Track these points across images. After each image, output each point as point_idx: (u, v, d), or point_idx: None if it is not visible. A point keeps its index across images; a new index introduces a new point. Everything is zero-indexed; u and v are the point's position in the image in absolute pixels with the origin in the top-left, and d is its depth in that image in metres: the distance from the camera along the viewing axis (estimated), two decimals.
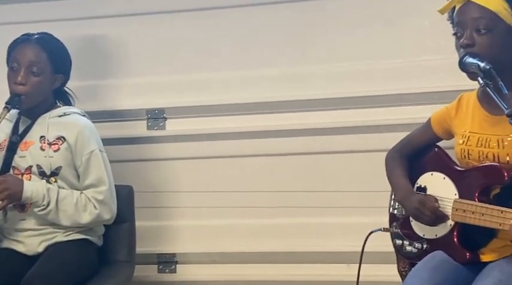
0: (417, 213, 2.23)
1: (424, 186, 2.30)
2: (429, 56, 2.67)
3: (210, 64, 2.97)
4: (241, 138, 2.95)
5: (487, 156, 2.14)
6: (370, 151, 2.75)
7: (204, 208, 3.00)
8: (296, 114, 2.87)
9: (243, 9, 2.92)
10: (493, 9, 2.08)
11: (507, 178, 2.06)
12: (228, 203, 2.96)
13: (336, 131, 2.83)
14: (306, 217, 2.89)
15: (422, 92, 2.69)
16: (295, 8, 2.87)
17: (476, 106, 2.21)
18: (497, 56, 2.06)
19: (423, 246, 2.26)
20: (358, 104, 2.79)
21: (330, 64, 2.83)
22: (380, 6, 2.76)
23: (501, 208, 2.02)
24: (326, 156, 2.86)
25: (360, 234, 2.37)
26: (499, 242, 2.13)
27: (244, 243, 2.97)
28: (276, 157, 2.92)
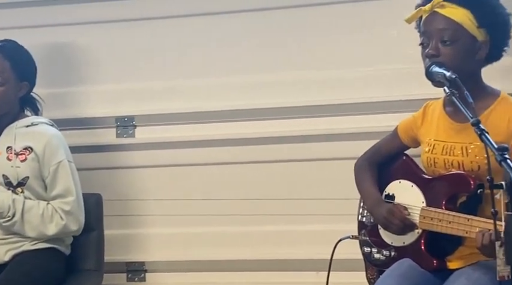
0: (386, 222, 2.24)
1: (392, 194, 2.31)
2: (397, 65, 2.69)
3: (180, 71, 2.97)
4: (211, 146, 2.94)
5: (452, 164, 2.16)
6: (339, 159, 2.76)
7: (174, 216, 2.98)
8: (266, 122, 2.88)
9: (213, 17, 2.92)
10: (458, 21, 2.11)
11: (473, 186, 2.08)
12: (198, 211, 2.96)
13: (305, 139, 2.84)
14: (275, 225, 2.90)
15: (390, 100, 2.71)
16: (266, 16, 2.88)
17: (442, 115, 2.24)
18: (461, 66, 2.08)
19: (391, 254, 2.28)
20: (327, 112, 2.81)
21: (301, 72, 2.84)
22: (349, 16, 2.78)
23: (467, 216, 2.04)
24: (295, 163, 2.87)
25: (329, 242, 2.39)
26: (465, 250, 2.15)
27: (214, 251, 2.97)
28: (246, 165, 2.91)
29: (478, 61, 2.16)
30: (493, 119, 2.09)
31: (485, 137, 1.75)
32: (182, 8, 2.94)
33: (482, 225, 1.98)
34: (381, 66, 2.74)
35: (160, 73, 2.99)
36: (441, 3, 2.13)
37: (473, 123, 1.79)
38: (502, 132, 2.06)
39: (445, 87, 2.00)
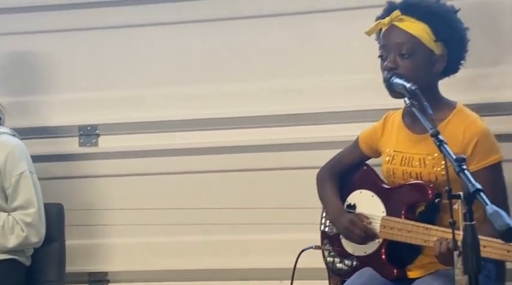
0: (348, 232, 2.26)
1: (354, 204, 2.33)
2: (358, 75, 2.71)
3: (144, 80, 2.96)
4: (175, 155, 2.93)
5: (410, 175, 2.20)
6: (301, 168, 2.77)
7: (137, 226, 2.96)
8: (229, 131, 2.88)
9: (176, 26, 2.92)
10: (416, 34, 2.15)
11: (431, 195, 2.11)
12: (161, 220, 2.94)
13: (267, 149, 2.85)
14: (239, 234, 2.90)
15: (352, 110, 2.73)
16: (228, 26, 2.88)
17: (401, 126, 2.27)
18: (419, 78, 2.11)
19: (353, 263, 2.30)
20: (289, 121, 2.81)
21: (263, 82, 2.85)
22: (312, 26, 2.79)
23: (426, 225, 2.07)
24: (258, 172, 2.87)
25: (293, 251, 2.39)
26: (425, 259, 2.18)
27: (177, 261, 2.95)
28: (210, 174, 2.91)
29: (435, 74, 2.20)
30: (450, 130, 2.12)
31: (444, 148, 1.77)
32: (144, 17, 2.94)
33: (441, 234, 2.02)
34: (343, 76, 2.75)
35: (124, 81, 2.97)
36: (399, 17, 2.16)
37: (432, 134, 1.81)
38: (458, 143, 2.10)
39: (405, 98, 2.03)
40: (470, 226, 1.61)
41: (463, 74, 2.29)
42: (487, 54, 2.56)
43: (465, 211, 1.63)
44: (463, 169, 1.66)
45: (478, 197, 1.60)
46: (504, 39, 2.57)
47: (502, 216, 1.52)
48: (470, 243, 1.60)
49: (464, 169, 1.67)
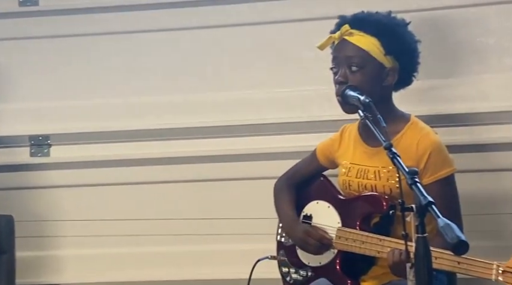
0: (302, 243, 2.27)
1: (310, 215, 2.34)
2: (314, 86, 2.73)
3: (95, 90, 2.93)
4: (127, 165, 2.90)
5: (365, 187, 2.21)
6: (258, 179, 2.77)
7: (89, 237, 2.93)
8: (184, 141, 2.86)
9: (128, 35, 2.90)
10: (365, 48, 2.17)
11: (386, 207, 2.13)
12: (114, 232, 2.91)
13: (224, 159, 2.84)
14: (194, 245, 2.88)
15: (308, 121, 2.75)
16: (174, 36, 2.87)
17: (357, 138, 2.29)
18: (369, 91, 2.13)
19: (308, 274, 2.30)
20: (245, 132, 2.81)
21: (217, 93, 2.84)
22: (268, 37, 2.80)
23: (380, 237, 2.09)
24: (214, 183, 2.86)
25: (249, 262, 2.39)
26: (378, 270, 2.20)
27: (132, 273, 2.92)
28: (164, 185, 2.89)
29: (387, 87, 2.22)
30: (404, 143, 2.15)
31: (397, 161, 1.79)
32: (97, 27, 2.90)
33: (394, 245, 2.03)
34: (301, 87, 2.77)
35: (75, 91, 2.94)
36: (349, 31, 2.18)
37: (385, 147, 1.82)
38: (412, 156, 2.12)
39: (359, 110, 2.05)
40: (422, 238, 1.63)
41: (415, 86, 2.32)
42: (439, 66, 2.60)
43: (417, 223, 1.65)
44: (415, 182, 1.68)
45: (430, 210, 1.62)
46: (455, 52, 2.62)
47: (453, 228, 1.54)
48: (422, 255, 1.62)
49: (417, 181, 1.68)
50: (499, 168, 2.60)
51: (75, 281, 2.96)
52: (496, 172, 2.61)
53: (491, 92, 2.59)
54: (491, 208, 2.61)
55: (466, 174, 2.46)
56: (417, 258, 1.64)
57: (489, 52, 2.58)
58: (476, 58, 2.60)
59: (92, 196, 2.93)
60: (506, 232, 2.60)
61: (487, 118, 2.58)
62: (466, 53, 2.60)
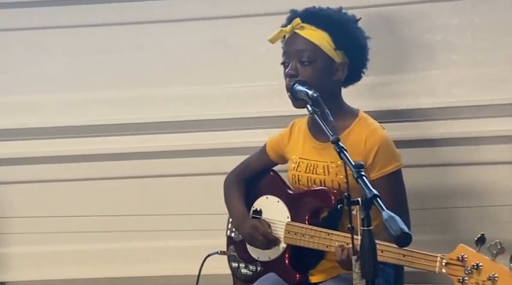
0: (250, 238, 2.27)
1: (260, 209, 2.35)
2: (264, 82, 2.73)
3: (37, 85, 2.88)
4: (74, 161, 2.87)
5: (314, 182, 2.23)
6: (208, 174, 2.77)
7: (37, 234, 2.88)
8: (129, 137, 2.84)
9: (71, 30, 2.85)
10: (316, 42, 2.18)
11: (334, 202, 2.14)
12: (61, 228, 2.88)
13: (173, 155, 2.83)
14: (143, 241, 2.87)
15: (257, 116, 2.75)
16: (133, 30, 2.83)
17: (306, 133, 2.30)
18: (319, 85, 2.14)
19: (258, 269, 2.31)
20: (195, 127, 2.80)
21: (167, 88, 2.82)
22: (218, 32, 2.79)
23: (328, 231, 2.11)
24: (165, 179, 2.85)
25: (199, 257, 2.39)
26: (327, 263, 2.22)
27: (80, 269, 2.90)
28: (113, 181, 2.87)
29: (336, 82, 2.24)
30: (352, 139, 2.17)
31: (343, 155, 1.80)
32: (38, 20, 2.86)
33: (342, 239, 2.05)
34: (250, 83, 2.77)
35: (17, 87, 2.89)
36: (300, 25, 2.19)
37: (332, 141, 1.84)
38: (360, 152, 2.15)
39: (308, 105, 2.06)
40: (368, 231, 1.65)
41: (364, 82, 2.34)
42: (387, 62, 2.62)
43: (363, 216, 1.67)
44: (361, 175, 1.70)
45: (375, 203, 1.64)
46: (403, 48, 2.65)
47: (397, 221, 1.56)
48: (368, 248, 1.64)
49: (363, 175, 1.70)
50: (446, 163, 2.65)
51: (21, 279, 2.93)
52: (443, 166, 2.65)
53: (438, 88, 2.63)
54: (438, 203, 2.66)
55: (413, 168, 2.50)
56: (363, 251, 1.66)
57: (436, 48, 2.62)
58: (424, 55, 2.63)
59: (38, 193, 2.90)
60: (453, 226, 2.65)
61: (434, 113, 2.62)
62: (414, 49, 2.64)
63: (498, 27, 2.58)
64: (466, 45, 2.60)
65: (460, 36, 2.61)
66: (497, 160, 2.60)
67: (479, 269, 1.78)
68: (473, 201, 2.64)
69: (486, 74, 2.59)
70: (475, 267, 1.78)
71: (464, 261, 1.81)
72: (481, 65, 2.59)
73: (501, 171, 2.61)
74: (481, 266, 1.78)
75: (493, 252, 1.77)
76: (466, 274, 1.80)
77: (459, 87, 2.61)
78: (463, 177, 2.64)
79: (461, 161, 2.63)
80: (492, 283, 1.75)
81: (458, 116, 2.61)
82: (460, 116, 2.61)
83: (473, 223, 2.62)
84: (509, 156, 2.59)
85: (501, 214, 2.61)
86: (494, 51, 2.58)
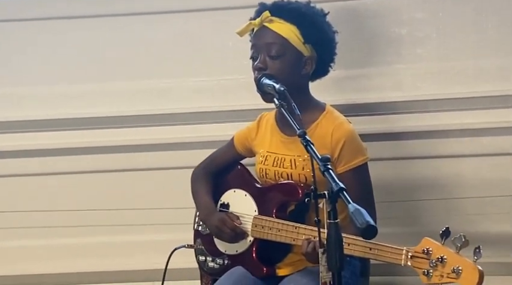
0: (218, 231, 2.27)
1: (227, 203, 2.35)
2: (231, 75, 2.73)
3: (19, 78, 2.84)
4: (40, 156, 2.83)
5: (281, 175, 2.23)
6: (175, 168, 2.75)
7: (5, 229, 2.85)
8: (99, 131, 2.81)
9: (45, 22, 2.82)
10: (284, 35, 2.18)
11: (301, 195, 2.15)
12: (25, 223, 2.85)
13: (141, 149, 2.81)
14: (110, 236, 2.84)
15: (223, 110, 2.74)
16: (91, 23, 2.80)
17: (274, 127, 2.30)
18: (287, 79, 2.15)
19: (225, 262, 2.31)
20: (161, 121, 2.78)
21: (133, 81, 2.80)
22: (186, 25, 2.77)
23: (295, 224, 2.11)
24: (130, 173, 2.82)
25: (166, 251, 2.37)
26: (294, 257, 2.22)
27: (44, 264, 2.87)
28: (78, 175, 2.84)
29: (305, 76, 2.24)
30: (319, 132, 2.18)
31: (310, 148, 1.81)
32: (9, 13, 2.82)
33: (308, 232, 2.06)
34: (216, 76, 2.75)
35: None
36: (269, 18, 2.19)
37: (299, 134, 1.84)
38: (326, 145, 2.16)
39: (275, 99, 2.06)
40: (334, 224, 1.66)
41: (331, 76, 2.34)
42: (354, 56, 2.63)
43: (329, 209, 1.67)
44: (327, 169, 1.71)
45: (341, 196, 1.65)
46: (370, 42, 2.66)
47: (363, 213, 1.57)
48: (334, 241, 1.65)
49: (329, 168, 1.71)
50: (411, 156, 2.67)
51: None
52: (408, 160, 2.67)
53: (404, 82, 2.65)
54: (404, 196, 2.68)
55: (379, 162, 2.53)
56: (329, 244, 1.67)
57: (402, 42, 2.64)
58: (390, 49, 2.65)
59: (10, 187, 2.86)
60: (418, 219, 2.67)
61: (400, 107, 2.64)
62: (381, 43, 2.65)
63: (463, 22, 2.60)
64: (432, 39, 2.62)
65: (426, 30, 2.63)
66: (462, 153, 2.63)
67: (444, 261, 1.80)
68: (439, 193, 2.66)
69: (451, 68, 2.61)
70: (440, 260, 1.80)
71: (429, 254, 1.83)
72: (446, 59, 2.62)
73: (466, 164, 2.64)
74: (445, 259, 1.80)
75: (457, 245, 1.79)
76: (430, 267, 1.82)
77: (425, 81, 2.63)
78: (428, 170, 2.66)
79: (427, 154, 2.65)
80: (456, 275, 1.77)
81: (424, 109, 2.63)
82: (426, 110, 2.63)
83: (439, 216, 2.65)
84: (474, 149, 2.62)
85: (466, 206, 2.64)
86: (459, 45, 2.61)
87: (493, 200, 2.61)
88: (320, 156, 1.76)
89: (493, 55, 2.58)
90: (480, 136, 2.61)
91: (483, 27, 2.59)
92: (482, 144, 2.61)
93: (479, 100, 2.58)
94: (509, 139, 2.58)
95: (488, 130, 2.59)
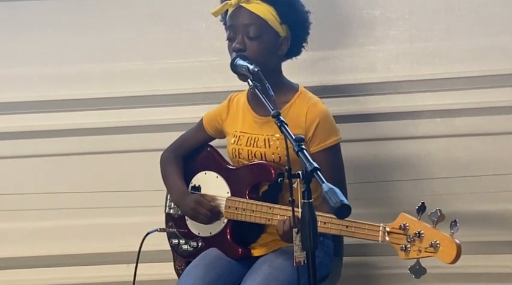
0: (194, 213, 2.25)
1: (198, 185, 2.34)
2: (204, 57, 2.71)
3: None
4: (12, 138, 2.80)
5: (255, 155, 2.23)
6: (145, 151, 2.74)
7: None
8: (70, 113, 2.78)
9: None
10: (262, 16, 2.16)
11: (274, 175, 2.15)
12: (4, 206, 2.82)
13: (110, 131, 2.78)
14: (82, 219, 2.83)
15: (196, 92, 2.72)
16: (61, 4, 2.77)
17: (246, 107, 2.29)
18: (265, 60, 2.14)
19: (199, 244, 2.30)
20: (133, 103, 2.76)
21: (106, 63, 2.77)
22: (158, 6, 2.74)
23: (270, 205, 2.12)
24: (101, 155, 2.81)
25: (139, 234, 2.34)
26: (268, 237, 2.23)
27: (16, 248, 2.85)
28: (50, 158, 2.81)
29: (280, 56, 2.23)
30: (293, 113, 2.18)
31: (284, 129, 1.80)
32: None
33: (283, 212, 2.07)
34: (189, 58, 2.73)
35: None
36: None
37: (273, 115, 1.83)
38: (301, 125, 2.16)
39: (249, 80, 2.04)
40: (308, 204, 1.65)
41: (304, 57, 2.34)
42: (327, 38, 2.63)
43: (303, 189, 1.67)
44: (301, 149, 1.70)
45: (315, 176, 1.64)
46: (343, 24, 2.66)
47: (337, 193, 1.57)
48: (308, 221, 1.65)
49: (303, 148, 1.70)
50: (384, 137, 2.68)
51: None
52: (381, 141, 2.69)
53: (376, 63, 2.66)
54: (377, 176, 2.70)
55: (352, 143, 2.54)
56: (303, 224, 1.66)
57: (375, 24, 2.65)
58: (363, 30, 2.65)
59: None
60: (391, 199, 2.70)
61: (373, 88, 2.65)
62: (353, 25, 2.65)
63: (435, 3, 2.61)
64: (404, 21, 2.63)
65: (398, 12, 2.63)
66: (434, 134, 2.66)
67: (421, 236, 1.81)
68: (409, 174, 2.69)
69: (423, 50, 2.63)
70: (417, 235, 1.82)
71: (406, 229, 1.84)
72: (418, 40, 2.63)
73: (438, 145, 2.66)
74: (422, 234, 1.81)
75: (434, 219, 1.80)
76: (408, 242, 1.83)
77: (397, 62, 2.65)
78: (400, 151, 2.68)
79: (399, 135, 2.67)
80: (434, 249, 1.79)
81: (396, 91, 2.65)
82: (398, 91, 2.64)
83: (410, 196, 2.67)
84: (446, 130, 2.64)
85: (437, 187, 2.67)
86: (431, 26, 2.62)
87: (464, 180, 2.64)
88: (294, 136, 1.76)
89: (465, 36, 2.61)
90: (452, 117, 2.63)
91: (455, 9, 2.60)
92: (454, 124, 2.63)
93: (451, 81, 2.60)
94: (481, 119, 2.61)
95: (460, 111, 2.62)
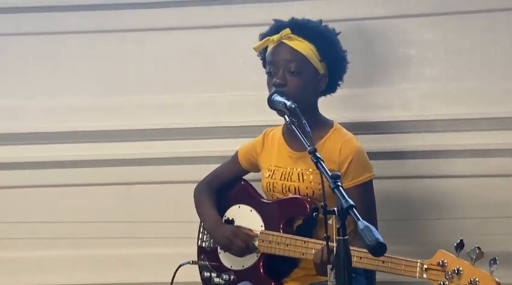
0: (228, 243, 2.27)
1: (232, 219, 2.35)
2: (240, 92, 2.75)
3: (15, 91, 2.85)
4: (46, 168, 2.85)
5: (289, 189, 2.25)
6: (180, 182, 2.76)
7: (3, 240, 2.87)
8: (109, 144, 2.82)
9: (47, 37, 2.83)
10: (304, 53, 2.20)
11: (309, 210, 2.16)
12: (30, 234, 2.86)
13: (146, 162, 2.81)
14: (115, 248, 2.85)
15: (231, 126, 2.75)
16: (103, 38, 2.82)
17: (281, 142, 2.32)
18: (303, 96, 2.18)
19: (231, 278, 2.31)
20: (169, 135, 2.79)
21: (144, 96, 2.82)
22: (195, 42, 2.78)
23: (304, 239, 2.13)
24: (137, 186, 2.84)
25: (170, 265, 2.37)
26: (300, 272, 2.24)
27: (50, 276, 2.87)
28: (86, 188, 2.85)
29: (317, 93, 2.27)
30: (327, 148, 2.20)
31: (320, 165, 1.81)
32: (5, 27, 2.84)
33: (318, 247, 2.07)
34: (225, 92, 2.77)
35: None
36: (289, 35, 2.21)
37: (310, 151, 1.85)
38: (334, 160, 2.18)
39: (286, 116, 2.07)
40: (343, 241, 1.66)
41: (339, 94, 2.37)
42: (363, 75, 2.65)
43: (338, 226, 1.68)
44: (337, 186, 1.71)
45: (351, 213, 1.65)
46: (378, 62, 2.68)
47: (372, 231, 1.58)
48: (343, 258, 1.65)
49: (339, 185, 1.71)
50: (418, 175, 2.68)
51: None
52: (414, 178, 2.69)
53: (411, 101, 2.67)
54: (409, 215, 2.69)
55: (385, 180, 2.54)
56: (338, 261, 1.67)
57: (410, 62, 2.67)
58: (398, 68, 2.67)
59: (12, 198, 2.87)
60: (422, 237, 2.68)
61: (407, 126, 2.66)
62: (389, 63, 2.68)
63: (470, 43, 2.63)
64: (439, 60, 2.65)
65: (434, 51, 2.65)
66: (467, 173, 2.65)
67: (460, 273, 1.80)
68: (442, 213, 2.68)
69: (458, 89, 2.64)
70: (456, 272, 1.81)
71: (445, 266, 1.84)
72: (453, 79, 2.64)
73: (472, 184, 2.65)
74: (461, 271, 1.80)
75: (472, 257, 1.79)
76: (446, 279, 1.83)
77: (432, 101, 2.66)
78: (433, 190, 2.68)
79: (432, 173, 2.67)
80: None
81: (430, 129, 2.65)
82: (432, 130, 2.65)
83: (443, 235, 2.65)
84: (480, 170, 2.63)
85: (469, 227, 2.64)
86: (466, 66, 2.63)
87: (499, 221, 2.63)
88: (330, 172, 1.77)
89: (500, 77, 2.61)
90: (486, 157, 2.62)
91: (490, 49, 2.61)
92: (488, 165, 2.62)
93: (485, 121, 2.61)
94: None
95: (493, 151, 2.61)
